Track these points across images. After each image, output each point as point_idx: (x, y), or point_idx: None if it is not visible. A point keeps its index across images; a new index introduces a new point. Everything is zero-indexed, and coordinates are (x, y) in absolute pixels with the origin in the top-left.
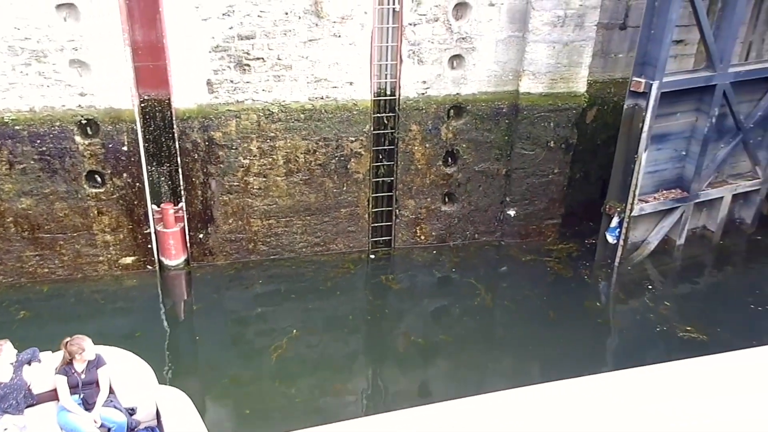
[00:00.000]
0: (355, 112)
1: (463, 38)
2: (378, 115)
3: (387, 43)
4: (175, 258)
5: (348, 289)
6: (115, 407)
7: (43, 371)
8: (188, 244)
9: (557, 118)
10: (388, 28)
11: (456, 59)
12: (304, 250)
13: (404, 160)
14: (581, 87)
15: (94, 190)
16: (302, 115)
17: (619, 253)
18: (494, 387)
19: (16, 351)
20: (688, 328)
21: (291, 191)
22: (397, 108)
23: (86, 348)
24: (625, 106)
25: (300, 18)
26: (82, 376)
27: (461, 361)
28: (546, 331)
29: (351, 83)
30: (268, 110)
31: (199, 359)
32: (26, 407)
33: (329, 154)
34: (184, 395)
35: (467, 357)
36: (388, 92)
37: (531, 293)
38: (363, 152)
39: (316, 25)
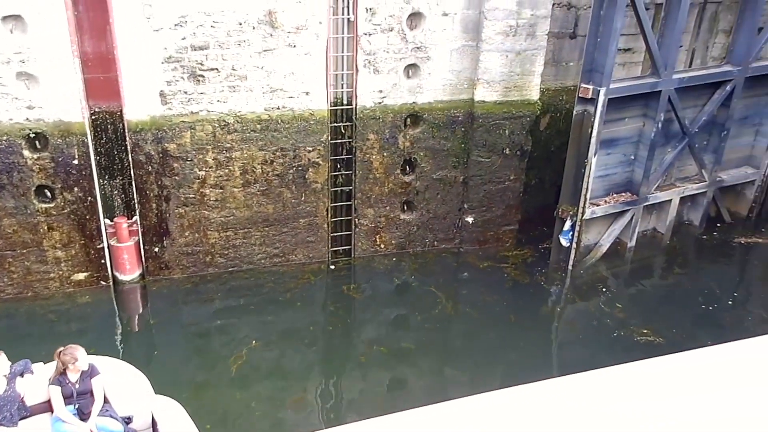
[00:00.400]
0: (312, 122)
1: (418, 48)
2: (335, 124)
3: (343, 52)
4: (129, 273)
5: (308, 299)
6: (111, 416)
7: (36, 383)
8: (143, 258)
9: (512, 126)
10: (343, 38)
11: (411, 68)
12: (263, 261)
13: (362, 169)
14: (534, 95)
15: (43, 205)
16: (258, 126)
17: (572, 256)
18: (458, 393)
19: (9, 363)
20: (645, 331)
21: (248, 202)
22: (354, 117)
23: (79, 358)
24: (574, 112)
25: (254, 28)
26: (77, 386)
27: (424, 368)
28: (507, 336)
29: (307, 93)
30: (224, 121)
31: (157, 373)
32: (20, 419)
33: (287, 164)
34: (178, 405)
35: (430, 364)
36: (345, 102)
37: (491, 299)
38: (321, 162)
39: (271, 35)
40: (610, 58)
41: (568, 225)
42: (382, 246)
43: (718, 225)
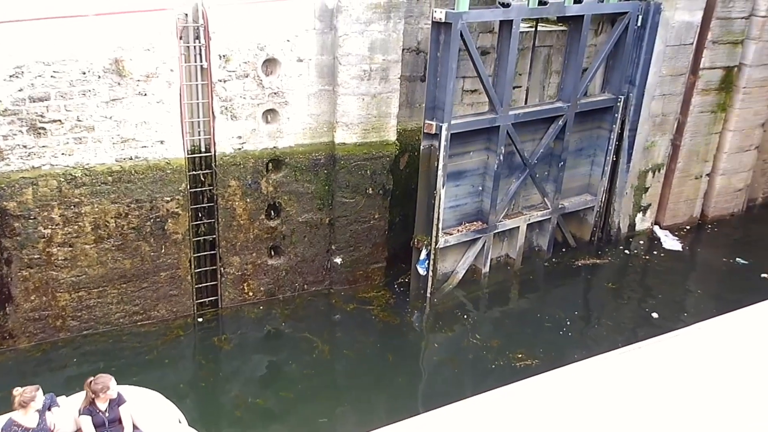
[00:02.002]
0: (168, 171)
1: (275, 93)
2: (194, 172)
3: (198, 99)
4: None
5: (176, 357)
6: None
7: (63, 415)
8: None
9: (373, 166)
10: (197, 84)
11: (270, 113)
12: (122, 320)
13: (225, 216)
14: (392, 135)
15: None
16: (110, 178)
17: (429, 284)
18: None
19: (43, 397)
20: (519, 355)
21: (102, 259)
22: (213, 164)
23: (111, 386)
24: (421, 147)
25: (100, 77)
26: (106, 414)
27: (305, 416)
28: (388, 374)
29: (162, 142)
30: (70, 175)
31: None
32: None
33: (143, 216)
34: None
35: (311, 410)
36: (203, 149)
37: (366, 339)
38: (180, 212)
39: (119, 84)
40: (449, 96)
41: (423, 254)
42: (251, 294)
43: (564, 249)
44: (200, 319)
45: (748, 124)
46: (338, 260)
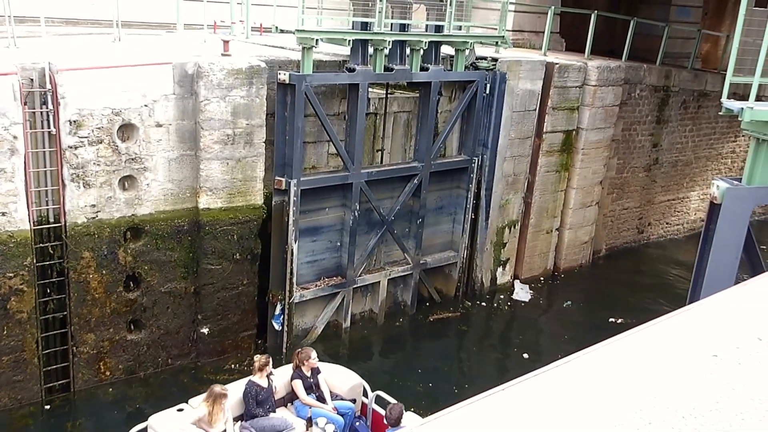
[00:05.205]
0: (11, 245)
1: (132, 159)
2: (41, 245)
3: (45, 167)
4: None
5: None
6: (342, 399)
7: (278, 382)
8: None
9: (240, 231)
10: (45, 152)
11: (128, 180)
12: None
13: (78, 290)
14: (259, 199)
15: None
16: None
17: (285, 339)
18: None
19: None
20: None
21: None
22: (64, 236)
23: (314, 356)
24: (273, 203)
25: None
26: (311, 380)
27: None
28: None
29: (3, 214)
30: None
31: None
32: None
33: None
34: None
35: None
36: (52, 219)
37: None
38: (25, 288)
39: None
40: (297, 153)
41: (278, 309)
42: (108, 373)
43: (428, 304)
44: (47, 407)
45: (588, 182)
46: (205, 330)
